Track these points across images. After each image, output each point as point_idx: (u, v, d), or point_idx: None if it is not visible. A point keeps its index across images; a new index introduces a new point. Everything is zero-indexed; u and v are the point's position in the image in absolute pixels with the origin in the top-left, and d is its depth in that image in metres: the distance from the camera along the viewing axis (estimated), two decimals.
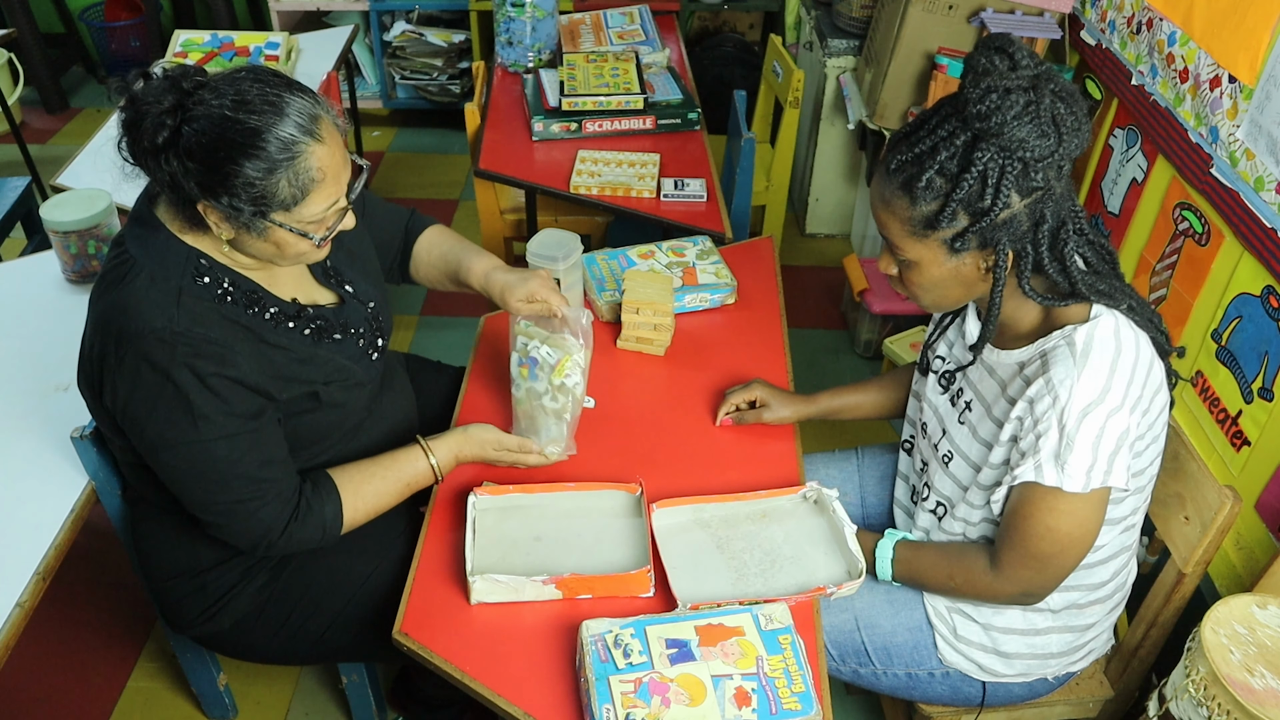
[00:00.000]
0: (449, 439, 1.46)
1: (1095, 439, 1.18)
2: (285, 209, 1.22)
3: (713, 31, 4.18)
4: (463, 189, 3.81)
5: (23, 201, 2.75)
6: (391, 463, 1.42)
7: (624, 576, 1.30)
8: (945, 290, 1.27)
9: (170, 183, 1.19)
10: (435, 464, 1.44)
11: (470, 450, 1.47)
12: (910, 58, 2.61)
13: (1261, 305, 1.69)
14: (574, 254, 1.72)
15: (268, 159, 1.17)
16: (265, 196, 1.19)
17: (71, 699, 2.00)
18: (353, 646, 1.55)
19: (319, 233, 1.27)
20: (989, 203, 1.14)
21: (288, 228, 1.23)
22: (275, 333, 1.32)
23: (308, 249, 1.28)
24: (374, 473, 1.41)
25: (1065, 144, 1.13)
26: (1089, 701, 1.56)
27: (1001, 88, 1.11)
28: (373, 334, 1.49)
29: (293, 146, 1.18)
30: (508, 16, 2.79)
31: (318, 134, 1.20)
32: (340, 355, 1.40)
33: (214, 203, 1.19)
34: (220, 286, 1.28)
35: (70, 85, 4.55)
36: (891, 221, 1.23)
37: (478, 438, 1.47)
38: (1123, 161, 2.21)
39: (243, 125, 1.16)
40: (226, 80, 1.19)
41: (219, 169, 1.16)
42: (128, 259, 1.25)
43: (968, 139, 1.14)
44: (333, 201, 1.26)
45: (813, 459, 1.72)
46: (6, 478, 1.53)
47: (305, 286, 1.42)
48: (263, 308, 1.32)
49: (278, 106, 1.18)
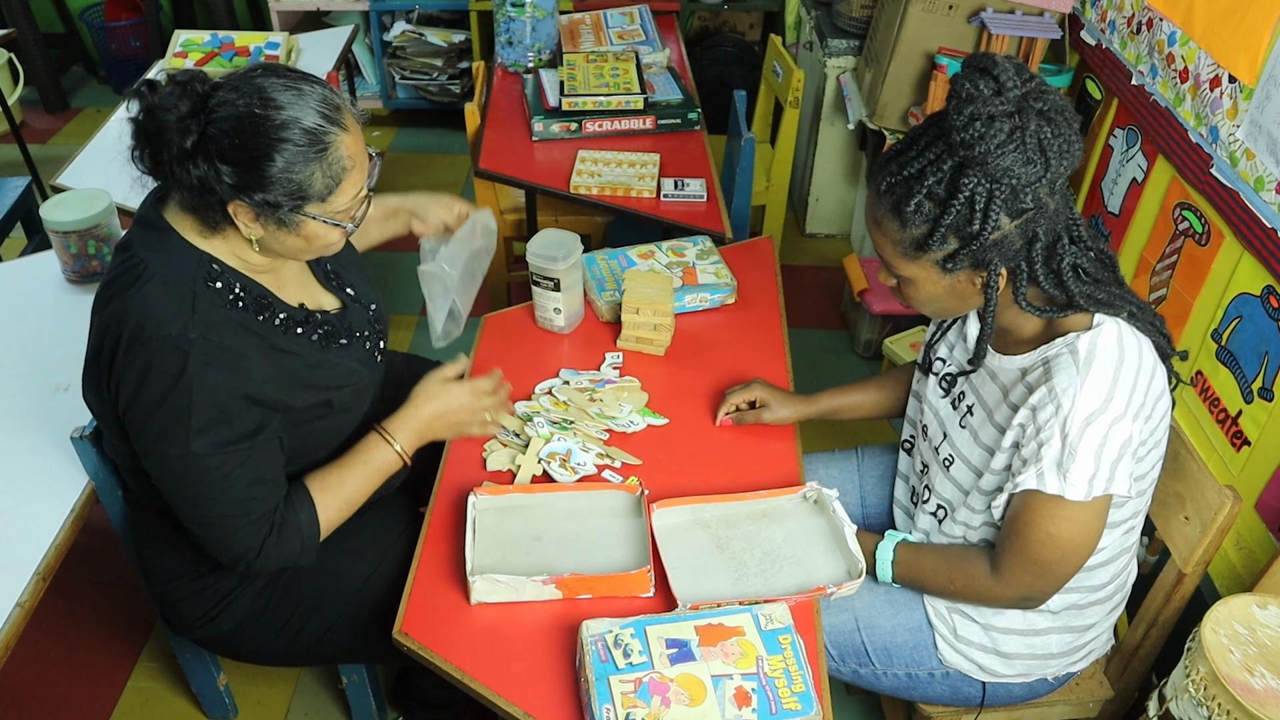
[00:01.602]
0: (401, 417, 1.44)
1: (1098, 448, 1.18)
2: (321, 200, 1.23)
3: (713, 31, 4.18)
4: (463, 189, 3.81)
5: (23, 201, 2.75)
6: (355, 459, 1.40)
7: (624, 576, 1.30)
8: (942, 304, 1.28)
9: (199, 187, 1.19)
10: (400, 449, 1.42)
11: (426, 410, 1.44)
12: (910, 58, 2.61)
13: (1261, 305, 1.69)
14: (574, 254, 1.72)
15: (301, 152, 1.18)
16: (301, 189, 1.20)
17: (71, 699, 2.00)
18: (353, 647, 1.55)
19: (349, 220, 1.29)
20: (978, 227, 1.14)
21: (321, 219, 1.24)
22: (285, 339, 1.32)
23: (338, 239, 1.30)
24: (342, 475, 1.39)
25: (1053, 168, 1.12)
26: (1089, 701, 1.56)
27: (985, 115, 1.10)
28: (375, 336, 1.49)
29: (324, 137, 1.19)
30: (508, 16, 2.79)
31: (343, 123, 1.22)
32: (348, 360, 1.41)
33: (248, 200, 1.19)
34: (232, 292, 1.28)
35: (70, 85, 4.55)
36: (884, 242, 1.23)
37: (424, 392, 1.45)
38: (1123, 161, 2.21)
39: (271, 120, 1.17)
40: (243, 79, 1.19)
41: (254, 166, 1.17)
42: (137, 263, 1.24)
43: (954, 164, 1.13)
44: (359, 189, 1.27)
45: (813, 459, 1.72)
46: (6, 478, 1.53)
47: (311, 291, 1.43)
48: (273, 313, 1.32)
49: (301, 98, 1.19)
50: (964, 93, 1.13)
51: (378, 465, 1.41)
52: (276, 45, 2.97)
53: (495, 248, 1.73)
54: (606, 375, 1.70)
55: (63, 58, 4.46)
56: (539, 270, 1.73)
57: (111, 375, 1.24)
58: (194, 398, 1.20)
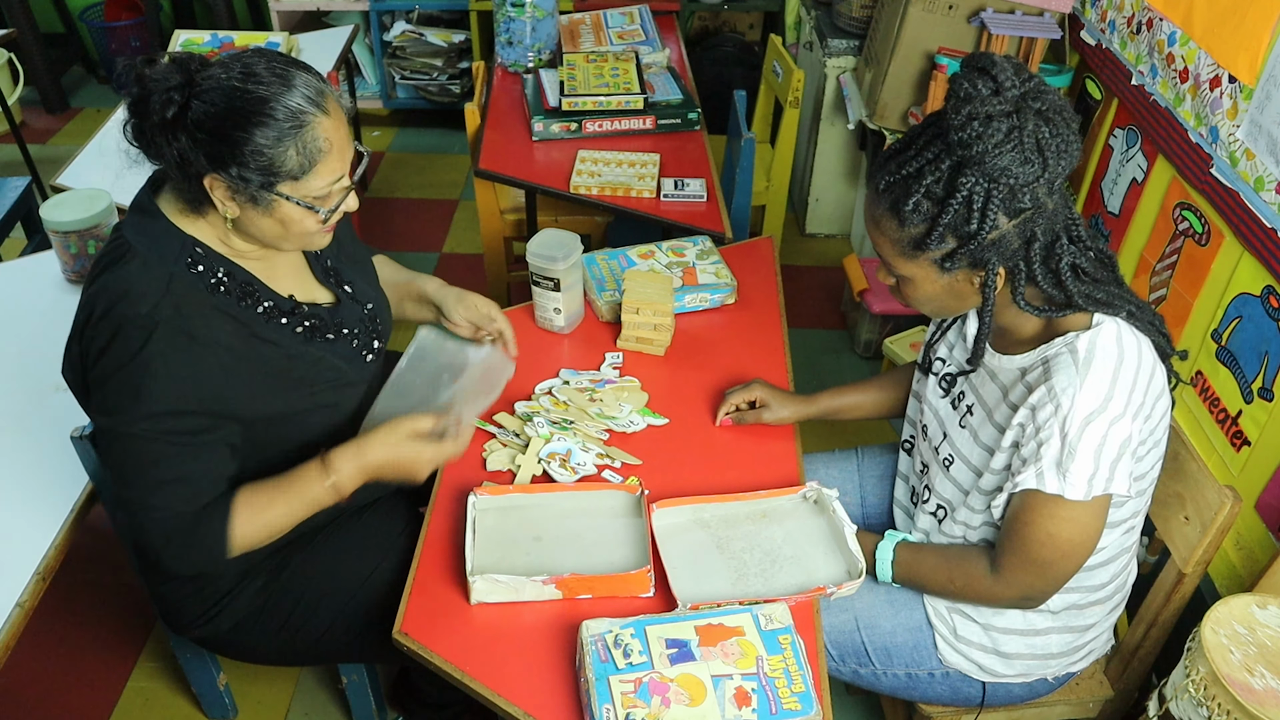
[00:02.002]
0: (349, 452, 1.34)
1: (1098, 447, 1.18)
2: (293, 179, 1.23)
3: (713, 31, 4.18)
4: (463, 189, 3.81)
5: (23, 201, 2.75)
6: (290, 484, 1.33)
7: (624, 576, 1.30)
8: (941, 303, 1.28)
9: (178, 160, 1.20)
10: (333, 483, 1.33)
11: (373, 455, 1.34)
12: (910, 58, 2.61)
13: (1261, 305, 1.69)
14: (574, 254, 1.72)
15: (276, 127, 1.19)
16: (274, 165, 1.20)
17: (71, 699, 2.00)
18: (353, 647, 1.54)
19: (325, 207, 1.28)
20: (975, 227, 1.14)
21: (295, 200, 1.24)
22: (266, 328, 1.32)
23: (314, 227, 1.29)
24: (274, 497, 1.32)
25: (1051, 168, 1.12)
26: (1089, 701, 1.56)
27: (983, 114, 1.10)
28: (368, 335, 1.48)
29: (300, 116, 1.20)
30: (508, 16, 2.79)
31: (324, 106, 1.23)
32: (331, 355, 1.40)
33: (222, 174, 1.20)
34: (214, 276, 1.28)
35: (70, 85, 4.55)
36: (882, 241, 1.23)
37: (379, 438, 1.35)
38: (1123, 161, 2.21)
39: (251, 95, 1.18)
40: (233, 57, 1.21)
41: (228, 137, 1.18)
42: (123, 243, 1.26)
43: (952, 164, 1.13)
44: (337, 176, 1.27)
45: (813, 459, 1.72)
46: (6, 478, 1.53)
47: (304, 284, 1.43)
48: (256, 301, 1.32)
49: (285, 79, 1.20)
50: (962, 92, 1.13)
51: (309, 497, 1.33)
52: (276, 45, 2.97)
53: (506, 379, 1.55)
54: (606, 375, 1.70)
55: (63, 58, 4.46)
56: (539, 270, 1.73)
57: (81, 345, 1.26)
58: (148, 377, 1.20)
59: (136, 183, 1.31)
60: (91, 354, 1.24)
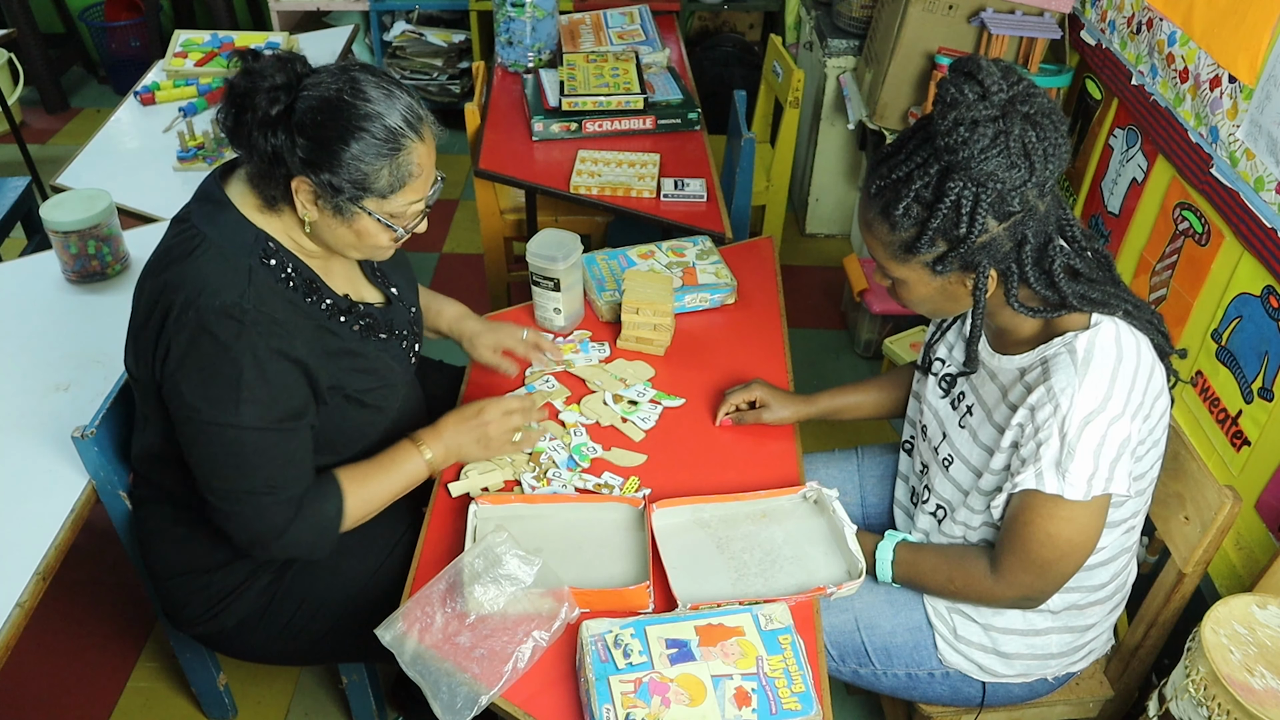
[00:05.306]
0: (434, 431, 1.45)
1: (1097, 447, 1.18)
2: (380, 196, 1.25)
3: (713, 31, 4.18)
4: (463, 189, 3.81)
5: (23, 201, 2.75)
6: (388, 461, 1.42)
7: (623, 591, 1.28)
8: (936, 304, 1.28)
9: (272, 155, 1.21)
10: (429, 459, 1.43)
11: (453, 428, 1.44)
12: (910, 58, 2.61)
13: (1261, 305, 1.69)
14: (574, 254, 1.72)
15: (375, 145, 1.21)
16: (365, 180, 1.23)
17: (71, 699, 2.00)
18: (354, 647, 1.54)
19: (401, 225, 1.31)
20: (964, 231, 1.14)
21: (376, 216, 1.27)
22: (330, 323, 1.35)
23: (386, 242, 1.32)
24: (374, 472, 1.41)
25: (1039, 171, 1.12)
26: (1089, 701, 1.56)
27: (969, 119, 1.10)
28: (412, 338, 1.52)
29: (400, 138, 1.23)
30: (508, 16, 2.80)
31: (421, 132, 1.26)
32: (385, 354, 1.43)
33: (312, 178, 1.22)
34: (285, 270, 1.30)
35: (70, 85, 4.55)
36: (875, 244, 1.24)
37: (457, 412, 1.46)
38: (1123, 161, 2.21)
39: (357, 110, 1.20)
40: (340, 68, 1.24)
41: (327, 145, 1.20)
42: (195, 234, 1.27)
43: (940, 169, 1.13)
44: (419, 198, 1.30)
45: (813, 459, 1.72)
46: (6, 478, 1.53)
47: (356, 283, 1.45)
48: (320, 297, 1.34)
49: (390, 99, 1.23)
50: (948, 97, 1.13)
51: (408, 471, 1.42)
52: (277, 45, 2.97)
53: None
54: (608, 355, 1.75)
55: (63, 58, 4.46)
56: (539, 270, 1.73)
57: (160, 341, 1.25)
58: (245, 368, 1.22)
59: (137, 182, 1.31)
60: (175, 354, 1.24)
